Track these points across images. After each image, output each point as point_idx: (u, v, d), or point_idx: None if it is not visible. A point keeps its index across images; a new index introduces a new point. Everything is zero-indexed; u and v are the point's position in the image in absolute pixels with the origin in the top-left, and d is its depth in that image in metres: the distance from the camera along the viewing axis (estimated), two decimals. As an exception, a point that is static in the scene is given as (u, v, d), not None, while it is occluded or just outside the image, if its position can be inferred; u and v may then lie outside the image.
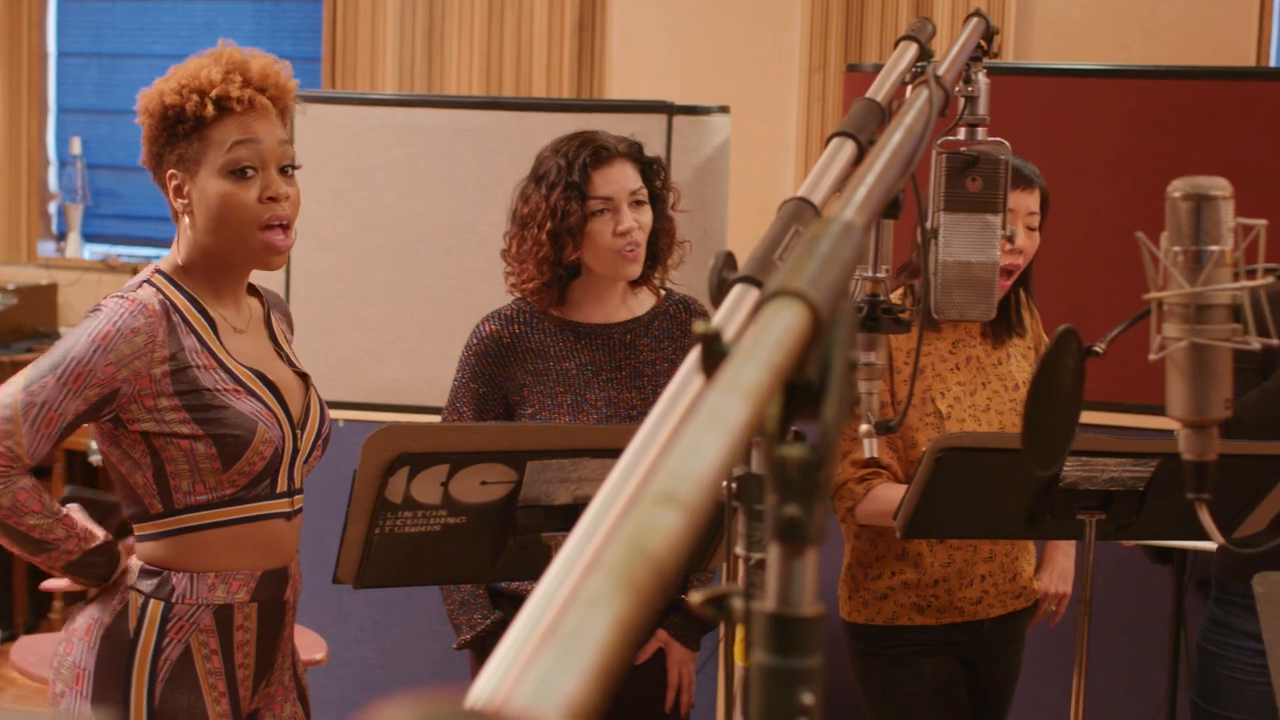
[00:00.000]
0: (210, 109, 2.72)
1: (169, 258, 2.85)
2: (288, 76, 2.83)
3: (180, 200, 2.79)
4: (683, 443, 0.90)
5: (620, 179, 3.44)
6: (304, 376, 2.95)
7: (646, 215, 3.46)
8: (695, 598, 1.24)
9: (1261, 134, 4.34)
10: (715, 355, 1.06)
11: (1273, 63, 5.72)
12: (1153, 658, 4.32)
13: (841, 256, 1.18)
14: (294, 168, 2.81)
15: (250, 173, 2.74)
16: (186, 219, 2.79)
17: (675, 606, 3.50)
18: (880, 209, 1.45)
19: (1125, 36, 5.75)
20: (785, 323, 1.04)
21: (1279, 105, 4.34)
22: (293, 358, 2.98)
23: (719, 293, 1.66)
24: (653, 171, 3.50)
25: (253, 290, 2.96)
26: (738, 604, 1.20)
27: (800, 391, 1.09)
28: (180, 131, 2.75)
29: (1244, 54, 5.67)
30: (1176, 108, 4.40)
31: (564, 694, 0.71)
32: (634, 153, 3.49)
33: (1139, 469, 2.88)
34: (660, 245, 3.51)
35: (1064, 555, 3.72)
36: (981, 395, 3.53)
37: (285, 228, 2.78)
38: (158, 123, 2.77)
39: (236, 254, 2.79)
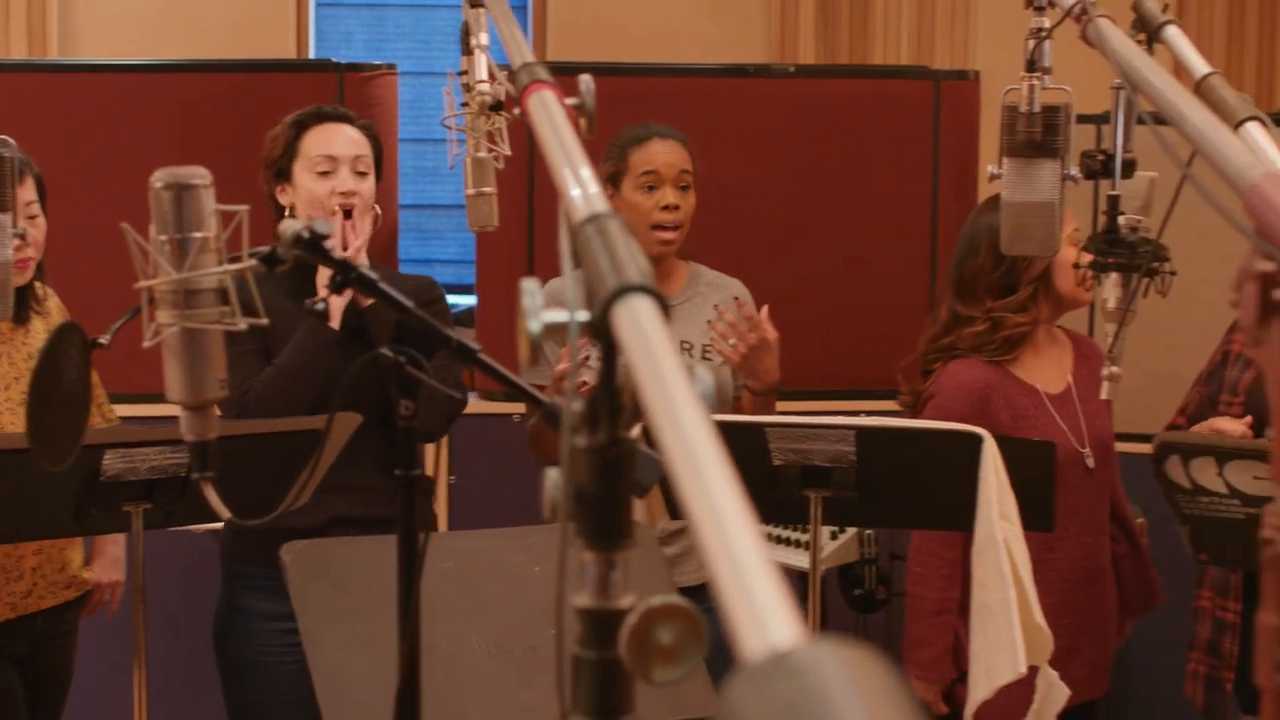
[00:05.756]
0: None
1: None
2: None
3: None
4: None
5: None
6: None
7: None
8: None
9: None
10: None
11: (312, 55, 5.95)
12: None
13: None
14: None
15: None
16: None
17: None
18: None
19: (171, 31, 5.81)
20: None
21: (315, 95, 4.52)
22: None
23: None
24: None
25: None
26: None
27: None
28: None
29: (285, 47, 5.87)
30: (219, 99, 4.49)
31: None
32: None
33: (177, 456, 2.92)
34: None
35: (114, 544, 3.74)
36: (17, 389, 3.48)
37: None
38: None
39: None
